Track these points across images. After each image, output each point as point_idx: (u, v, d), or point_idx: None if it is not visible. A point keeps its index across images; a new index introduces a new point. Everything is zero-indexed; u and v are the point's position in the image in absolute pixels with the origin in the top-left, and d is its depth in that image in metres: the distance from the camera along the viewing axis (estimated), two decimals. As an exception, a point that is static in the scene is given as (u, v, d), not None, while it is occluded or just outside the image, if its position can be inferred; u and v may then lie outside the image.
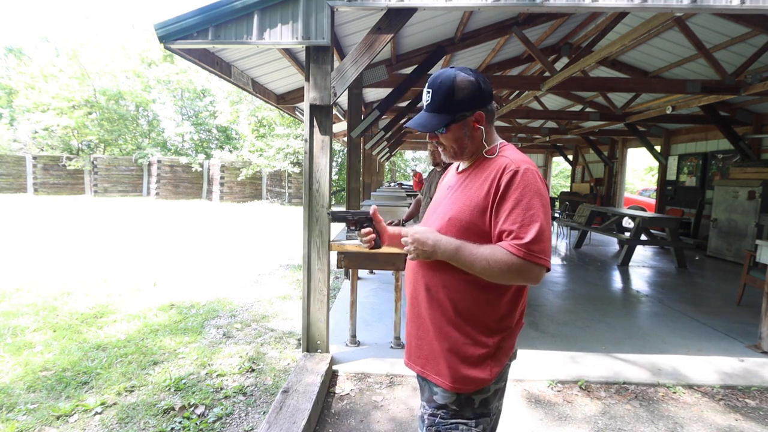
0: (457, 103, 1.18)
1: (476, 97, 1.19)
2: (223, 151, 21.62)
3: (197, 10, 2.82)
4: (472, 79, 1.18)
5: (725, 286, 5.75)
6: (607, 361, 3.33)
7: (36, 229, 9.28)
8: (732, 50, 5.76)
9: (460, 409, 1.21)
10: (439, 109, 1.20)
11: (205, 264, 6.41)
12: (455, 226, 1.20)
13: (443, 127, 1.21)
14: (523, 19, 5.42)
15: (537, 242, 1.08)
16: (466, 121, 1.21)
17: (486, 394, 1.22)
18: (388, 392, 2.82)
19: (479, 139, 1.24)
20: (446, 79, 1.18)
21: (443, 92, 1.18)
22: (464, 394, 1.21)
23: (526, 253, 1.08)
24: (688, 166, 9.42)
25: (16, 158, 19.38)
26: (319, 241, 3.07)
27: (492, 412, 1.25)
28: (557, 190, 23.77)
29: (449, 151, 1.27)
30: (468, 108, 1.20)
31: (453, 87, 1.17)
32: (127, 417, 2.45)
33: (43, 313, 4.04)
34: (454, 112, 1.20)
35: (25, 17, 47.41)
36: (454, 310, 1.21)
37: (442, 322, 1.23)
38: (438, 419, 1.23)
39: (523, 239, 1.09)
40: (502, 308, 1.21)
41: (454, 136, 1.23)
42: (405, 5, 2.81)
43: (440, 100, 1.19)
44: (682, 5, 2.70)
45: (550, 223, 1.13)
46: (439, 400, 1.23)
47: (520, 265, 1.09)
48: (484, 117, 1.22)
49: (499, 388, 1.27)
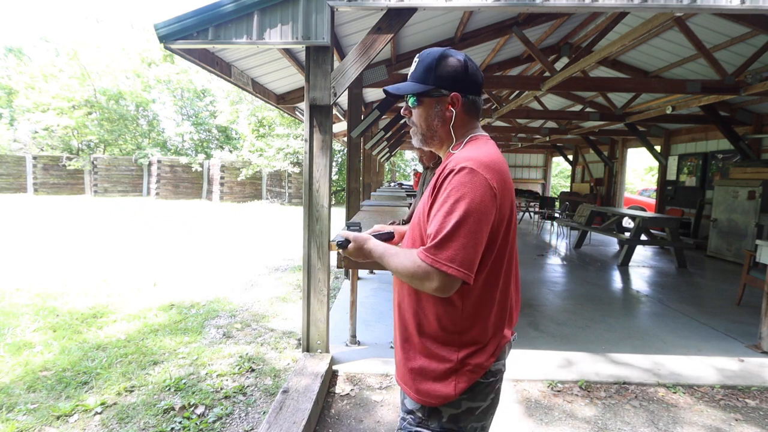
0: (437, 76, 1.14)
1: (458, 78, 1.14)
2: (223, 151, 21.62)
3: (197, 10, 2.82)
4: (460, 59, 1.15)
5: (725, 286, 5.75)
6: (607, 361, 3.33)
7: (36, 229, 9.28)
8: (732, 50, 5.76)
9: (426, 418, 1.16)
10: (419, 79, 1.16)
11: (205, 264, 6.41)
12: (414, 231, 1.19)
13: (415, 98, 1.17)
14: (523, 19, 5.42)
15: (445, 248, 1.00)
16: (441, 99, 1.16)
17: (455, 409, 1.14)
18: (388, 392, 2.82)
19: (448, 125, 1.17)
20: (434, 52, 1.16)
21: (427, 63, 1.15)
22: (429, 406, 1.16)
23: (432, 260, 1.01)
24: (688, 166, 9.42)
25: (16, 158, 19.37)
26: (319, 241, 3.07)
27: (465, 430, 1.16)
28: (557, 190, 23.77)
29: (418, 131, 1.22)
30: (446, 86, 1.14)
31: (438, 60, 1.14)
32: (127, 417, 2.45)
33: (43, 313, 4.04)
34: (431, 84, 1.15)
35: (25, 17, 47.42)
36: (416, 321, 1.16)
37: (405, 332, 1.19)
38: (406, 423, 1.20)
39: (431, 243, 1.02)
40: (463, 321, 1.11)
41: (425, 113, 1.18)
42: (405, 5, 2.81)
43: (422, 69, 1.16)
44: (682, 5, 2.70)
45: (478, 230, 1.01)
46: (408, 405, 1.20)
47: (424, 271, 1.02)
48: (460, 101, 1.15)
49: (477, 408, 1.15)
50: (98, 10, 51.70)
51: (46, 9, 52.06)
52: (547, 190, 18.14)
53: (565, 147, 14.94)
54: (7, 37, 41.40)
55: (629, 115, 8.01)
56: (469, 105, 1.17)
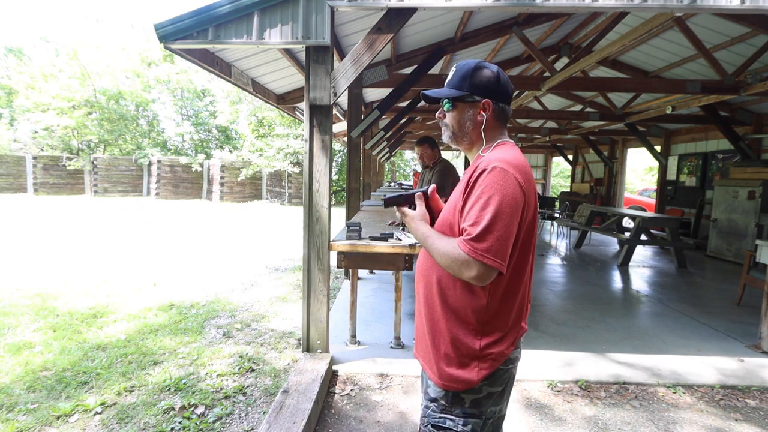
0: (472, 85, 1.25)
1: (491, 87, 1.25)
2: (223, 151, 21.60)
3: (197, 10, 2.82)
4: (493, 70, 1.26)
5: (725, 286, 5.75)
6: (607, 361, 3.33)
7: (36, 229, 9.28)
8: (732, 50, 5.76)
9: (449, 405, 1.24)
10: (455, 86, 1.28)
11: (205, 264, 6.41)
12: (444, 225, 1.27)
13: (450, 102, 1.28)
14: (523, 19, 5.42)
15: (483, 240, 1.09)
16: (474, 104, 1.26)
17: (477, 395, 1.22)
18: (388, 392, 2.82)
19: (479, 128, 1.27)
20: (470, 63, 1.28)
21: (463, 72, 1.27)
22: (452, 392, 1.23)
23: (471, 249, 1.10)
24: (688, 166, 9.42)
25: (16, 158, 19.36)
26: (319, 241, 3.07)
27: (486, 415, 1.24)
28: (557, 190, 23.77)
29: (449, 129, 1.32)
30: (480, 93, 1.25)
31: (473, 69, 1.26)
32: (127, 417, 2.45)
33: (43, 313, 4.04)
34: (466, 90, 1.26)
35: (25, 17, 47.41)
36: (443, 306, 1.24)
37: (433, 317, 1.27)
38: (430, 411, 1.27)
39: (471, 235, 1.11)
40: (489, 309, 1.20)
41: (459, 116, 1.29)
42: (405, 5, 2.81)
43: (459, 78, 1.27)
44: (682, 5, 2.70)
45: (510, 223, 1.11)
46: (431, 393, 1.28)
47: (464, 260, 1.11)
48: (491, 107, 1.26)
49: (495, 392, 1.24)
50: (98, 10, 51.72)
51: (46, 9, 52.06)
52: (547, 190, 18.13)
53: (565, 147, 14.94)
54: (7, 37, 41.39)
55: (629, 115, 8.01)
56: (499, 112, 1.28)
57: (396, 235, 3.34)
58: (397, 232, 3.45)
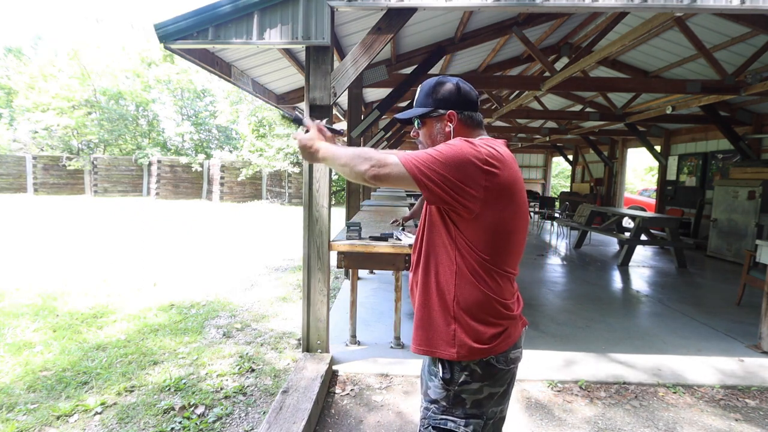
0: (435, 100, 1.31)
1: (452, 98, 1.30)
2: (223, 151, 21.60)
3: (197, 10, 2.82)
4: (453, 83, 1.32)
5: (725, 286, 5.75)
6: (606, 362, 3.33)
7: (36, 229, 9.28)
8: (732, 50, 5.76)
9: (450, 406, 1.23)
10: (421, 104, 1.34)
11: (205, 264, 6.41)
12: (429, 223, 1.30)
13: (419, 120, 1.34)
14: (523, 19, 5.42)
15: (389, 155, 1.15)
16: (440, 117, 1.31)
17: (478, 395, 1.23)
18: (388, 392, 2.82)
19: (449, 139, 1.30)
20: (431, 80, 1.35)
21: (426, 89, 1.34)
22: (454, 392, 1.22)
23: (377, 153, 1.16)
24: (688, 166, 9.42)
25: (16, 158, 19.35)
26: (319, 241, 3.07)
27: (487, 415, 1.24)
28: (557, 190, 23.76)
29: (424, 145, 1.37)
30: (443, 106, 1.30)
31: (434, 86, 1.33)
32: (127, 417, 2.45)
33: (43, 313, 4.04)
34: (430, 106, 1.32)
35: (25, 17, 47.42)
36: (454, 294, 1.24)
37: (443, 301, 1.26)
38: (430, 413, 1.26)
39: None
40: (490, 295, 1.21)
41: (429, 132, 1.34)
42: (405, 5, 2.81)
43: (423, 96, 1.34)
44: (682, 5, 2.70)
45: (448, 164, 1.11)
46: (431, 395, 1.27)
47: (369, 154, 1.17)
48: (456, 117, 1.30)
49: (497, 393, 1.24)
50: (98, 10, 51.72)
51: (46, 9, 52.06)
52: (547, 190, 18.13)
53: (565, 147, 14.94)
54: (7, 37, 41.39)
55: (629, 115, 8.01)
56: (466, 119, 1.32)
57: (396, 235, 3.34)
58: (397, 232, 3.45)
